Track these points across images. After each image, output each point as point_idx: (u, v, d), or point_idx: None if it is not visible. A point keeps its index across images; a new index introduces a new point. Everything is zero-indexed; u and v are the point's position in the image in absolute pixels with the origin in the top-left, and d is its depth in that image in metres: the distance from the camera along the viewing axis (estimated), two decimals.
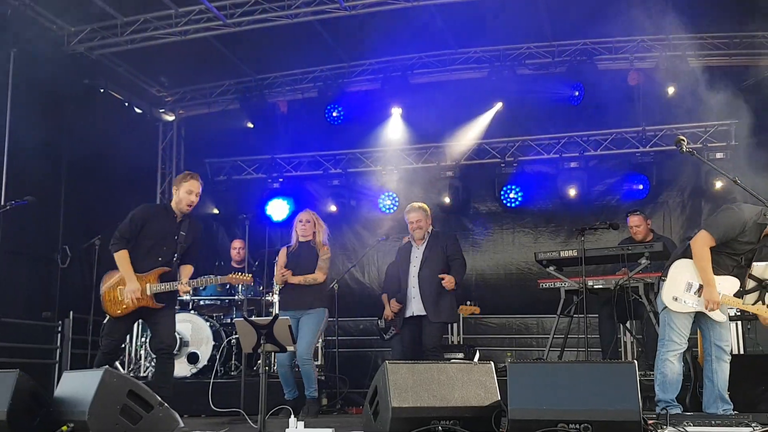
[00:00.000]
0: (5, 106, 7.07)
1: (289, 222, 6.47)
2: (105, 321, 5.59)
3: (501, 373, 4.14)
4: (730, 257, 4.62)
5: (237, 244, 8.23)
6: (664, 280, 4.75)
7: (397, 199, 9.71)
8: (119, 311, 5.24)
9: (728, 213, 4.55)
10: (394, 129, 9.58)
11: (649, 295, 5.99)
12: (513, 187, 9.39)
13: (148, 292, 5.22)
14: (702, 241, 4.55)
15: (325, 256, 6.08)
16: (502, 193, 9.42)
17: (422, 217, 6.22)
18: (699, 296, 4.62)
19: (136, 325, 7.14)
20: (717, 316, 4.65)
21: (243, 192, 10.11)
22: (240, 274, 5.63)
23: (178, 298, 7.56)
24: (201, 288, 7.61)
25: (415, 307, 6.09)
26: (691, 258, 4.64)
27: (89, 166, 8.07)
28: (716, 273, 4.61)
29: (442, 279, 5.96)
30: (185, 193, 5.38)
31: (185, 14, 7.93)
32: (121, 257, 5.18)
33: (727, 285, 4.63)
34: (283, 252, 6.20)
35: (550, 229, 9.46)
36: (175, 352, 6.94)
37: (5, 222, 6.52)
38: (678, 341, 4.65)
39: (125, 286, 5.18)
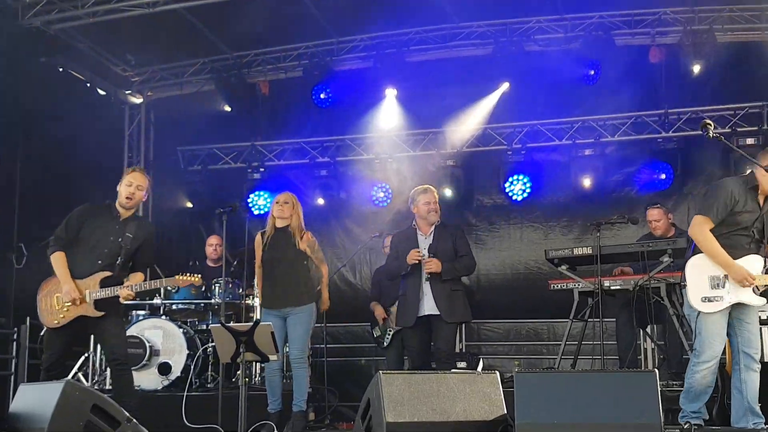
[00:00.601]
0: None
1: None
2: (42, 333, 5.68)
3: (507, 384, 4.22)
4: (739, 234, 4.73)
5: (213, 240, 8.27)
6: (684, 286, 4.82)
7: (391, 191, 9.73)
8: (56, 321, 5.27)
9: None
10: (389, 113, 9.58)
11: (671, 296, 6.00)
12: (521, 177, 9.39)
13: (87, 299, 5.24)
14: (699, 226, 4.69)
15: (314, 245, 6.10)
16: (508, 183, 9.41)
17: (437, 199, 6.27)
18: (729, 286, 4.69)
19: None
20: (755, 300, 4.70)
21: (220, 183, 10.11)
22: (188, 274, 5.67)
23: (150, 303, 7.73)
24: (173, 290, 7.68)
25: (427, 305, 6.05)
26: (701, 252, 4.75)
27: (47, 155, 8.08)
28: (735, 256, 4.71)
29: (427, 261, 5.96)
30: (124, 186, 5.44)
31: None
32: (56, 259, 5.24)
33: (752, 264, 4.71)
34: (258, 239, 6.22)
35: (562, 224, 9.45)
36: (145, 361, 7.11)
37: None
38: (713, 350, 4.68)
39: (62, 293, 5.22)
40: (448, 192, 9.46)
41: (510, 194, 9.43)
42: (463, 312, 6.14)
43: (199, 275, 5.83)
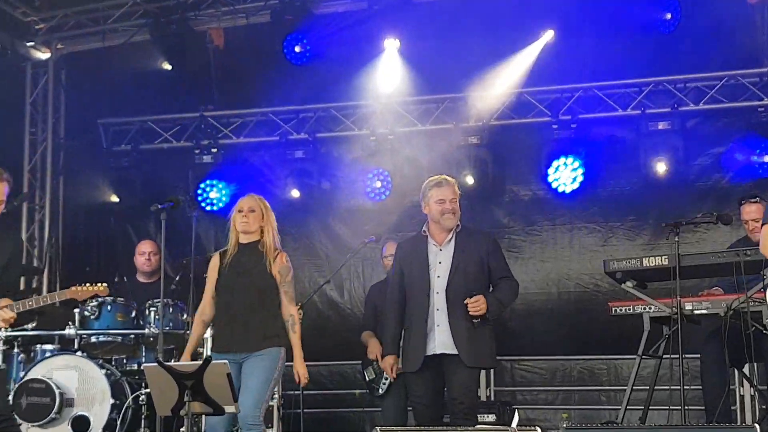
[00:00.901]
0: None
1: (227, 211, 6.48)
2: None
3: None
4: None
5: (146, 247, 8.23)
6: None
7: (391, 180, 9.70)
8: None
9: None
10: (389, 72, 9.55)
11: None
12: (570, 160, 9.31)
13: None
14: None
15: (286, 273, 6.05)
16: (553, 169, 9.33)
17: (456, 194, 6.21)
18: None
19: None
20: None
21: (156, 169, 10.08)
22: (88, 285, 5.64)
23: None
24: (91, 316, 7.64)
25: (439, 339, 6.02)
26: None
27: None
28: None
29: (474, 301, 5.93)
30: None
31: None
32: None
33: None
34: (215, 261, 6.17)
35: (627, 225, 9.41)
36: (53, 414, 7.10)
37: None
38: None
39: None
40: (470, 180, 9.40)
41: (555, 184, 9.38)
42: (489, 353, 6.14)
43: (104, 284, 5.80)
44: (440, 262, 6.10)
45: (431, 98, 9.78)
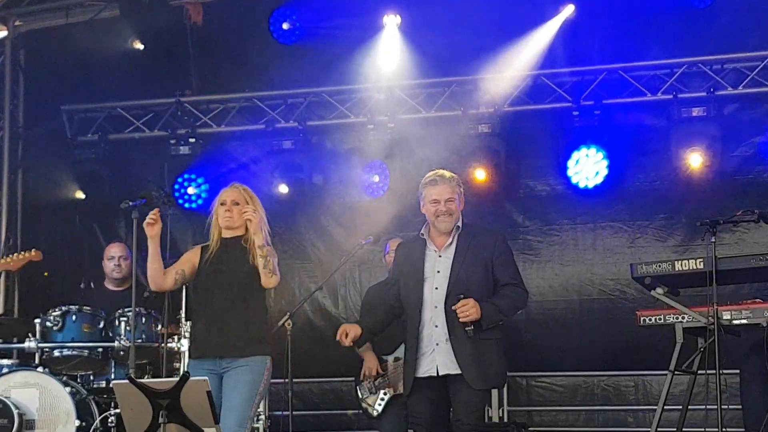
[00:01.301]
0: None
1: (207, 209, 6.45)
2: None
3: None
4: None
5: (114, 251, 8.20)
6: None
7: (390, 173, 9.76)
8: None
9: None
10: (389, 52, 9.56)
11: None
12: (593, 150, 9.34)
13: None
14: None
15: (269, 255, 5.97)
16: (573, 161, 9.36)
17: (455, 192, 6.13)
18: None
19: None
20: None
21: (127, 162, 10.08)
22: (20, 254, 5.53)
23: None
24: (53, 326, 7.61)
25: (440, 360, 6.02)
26: None
27: None
28: None
29: (462, 305, 5.87)
30: None
31: None
32: None
33: None
34: (195, 253, 6.21)
35: (657, 224, 9.41)
36: None
37: None
38: None
39: None
40: (481, 174, 9.41)
41: (576, 178, 9.40)
42: (497, 371, 6.10)
43: (36, 251, 5.66)
44: (439, 271, 6.07)
45: (437, 81, 9.76)
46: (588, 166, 9.36)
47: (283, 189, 9.90)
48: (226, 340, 5.91)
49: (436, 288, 6.02)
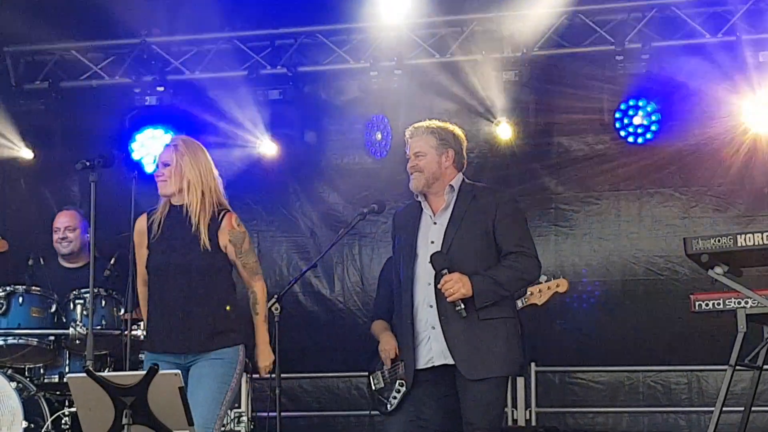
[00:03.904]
0: None
1: None
2: None
3: None
4: None
5: (61, 221, 8.22)
6: None
7: (394, 129, 9.64)
8: None
9: None
10: None
11: None
12: (641, 103, 9.30)
13: None
14: None
15: (240, 239, 5.97)
16: (620, 114, 9.33)
17: (427, 145, 6.00)
18: None
19: None
20: None
21: (84, 113, 10.01)
22: None
23: None
24: None
25: (436, 347, 5.91)
26: None
27: None
28: None
29: (444, 282, 5.71)
30: None
31: None
32: None
33: None
34: (141, 226, 6.11)
35: (715, 191, 9.33)
36: None
37: None
38: None
39: None
40: (506, 132, 9.46)
41: (622, 133, 9.38)
42: (505, 356, 5.84)
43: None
44: (432, 242, 5.95)
45: (452, 20, 9.53)
46: (636, 120, 9.38)
47: (270, 148, 9.86)
48: (188, 335, 5.96)
49: (426, 258, 5.92)
